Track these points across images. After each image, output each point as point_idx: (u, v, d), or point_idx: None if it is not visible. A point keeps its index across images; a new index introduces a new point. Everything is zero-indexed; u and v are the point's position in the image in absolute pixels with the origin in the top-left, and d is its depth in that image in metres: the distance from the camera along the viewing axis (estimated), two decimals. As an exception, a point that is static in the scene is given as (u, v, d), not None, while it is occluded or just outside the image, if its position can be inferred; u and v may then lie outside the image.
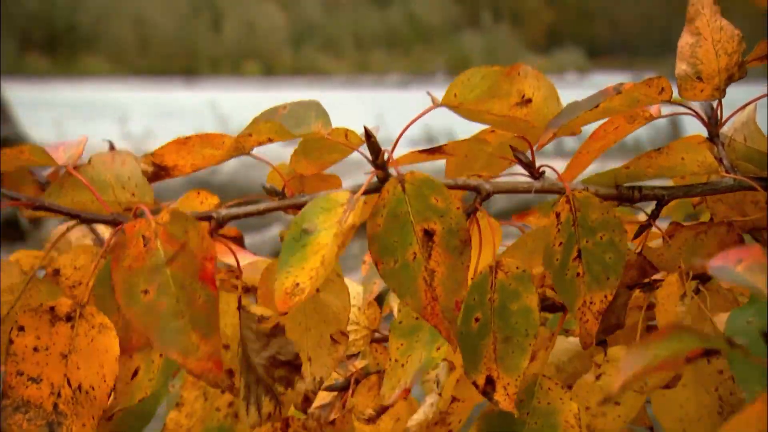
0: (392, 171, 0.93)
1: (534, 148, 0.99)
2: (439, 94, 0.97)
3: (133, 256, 0.87)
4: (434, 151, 1.00)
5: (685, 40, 1.01)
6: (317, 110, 0.99)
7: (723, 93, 1.02)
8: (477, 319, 0.94)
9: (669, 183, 1.09)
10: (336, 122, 0.98)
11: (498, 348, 0.94)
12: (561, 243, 0.95)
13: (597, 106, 0.94)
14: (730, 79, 1.01)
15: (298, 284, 0.84)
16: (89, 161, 0.97)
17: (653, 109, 1.03)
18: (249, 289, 1.05)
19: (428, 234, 0.90)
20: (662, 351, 0.63)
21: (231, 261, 1.02)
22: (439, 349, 0.94)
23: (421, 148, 1.00)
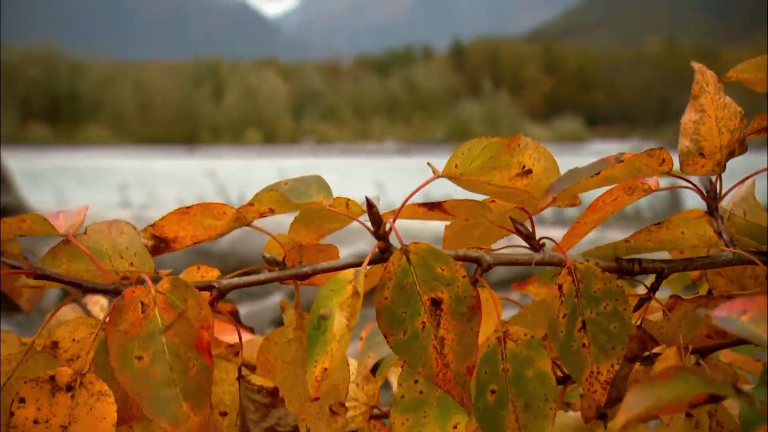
0: (394, 241, 0.93)
1: (533, 216, 0.98)
2: (440, 161, 0.97)
3: (130, 321, 0.87)
4: (434, 207, 0.99)
5: (689, 117, 1.01)
6: (318, 184, 0.98)
7: (723, 168, 1.01)
8: (493, 392, 0.93)
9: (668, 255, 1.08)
10: (336, 189, 0.98)
11: (519, 417, 0.92)
12: (565, 315, 0.94)
13: (598, 174, 0.94)
14: (731, 155, 1.01)
15: (325, 369, 0.84)
16: (86, 231, 0.96)
17: (652, 182, 1.02)
18: (247, 366, 1.03)
19: (436, 303, 0.89)
20: (667, 393, 0.62)
21: (230, 337, 1.00)
22: (455, 427, 0.93)
23: (420, 202, 0.99)
